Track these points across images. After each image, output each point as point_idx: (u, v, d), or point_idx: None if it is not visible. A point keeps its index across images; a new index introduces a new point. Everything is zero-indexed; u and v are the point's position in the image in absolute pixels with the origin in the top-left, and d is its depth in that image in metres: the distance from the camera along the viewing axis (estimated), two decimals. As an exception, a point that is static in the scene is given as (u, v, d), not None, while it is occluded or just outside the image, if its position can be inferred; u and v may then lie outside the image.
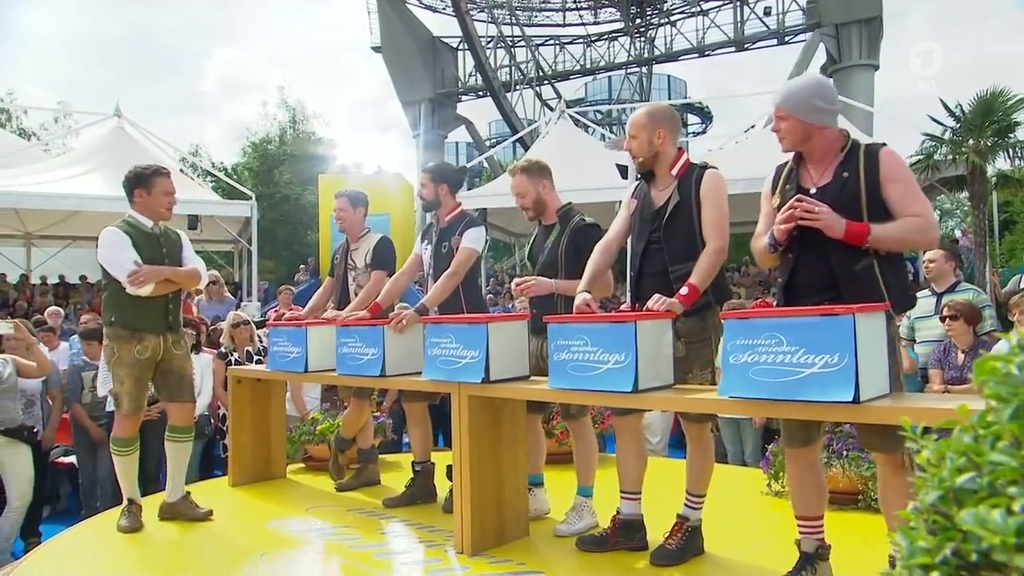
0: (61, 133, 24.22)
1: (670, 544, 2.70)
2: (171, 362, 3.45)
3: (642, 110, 2.77)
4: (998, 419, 0.62)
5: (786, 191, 2.35)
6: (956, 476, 0.63)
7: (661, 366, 2.41)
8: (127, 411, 3.34)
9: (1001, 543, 0.56)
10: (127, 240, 3.30)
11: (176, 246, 3.51)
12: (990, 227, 13.16)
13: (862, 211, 2.19)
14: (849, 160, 2.26)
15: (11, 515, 4.16)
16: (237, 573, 2.82)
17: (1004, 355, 0.65)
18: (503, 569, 2.68)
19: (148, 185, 3.40)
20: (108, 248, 3.29)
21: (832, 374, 1.85)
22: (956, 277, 4.81)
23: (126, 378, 3.31)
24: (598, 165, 12.91)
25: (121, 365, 3.31)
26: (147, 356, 3.34)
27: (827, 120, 2.28)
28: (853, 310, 1.86)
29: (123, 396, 3.32)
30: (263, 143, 27.57)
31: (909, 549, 0.65)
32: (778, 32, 28.97)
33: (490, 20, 31.85)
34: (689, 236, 2.62)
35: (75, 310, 11.45)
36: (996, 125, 11.69)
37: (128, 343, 3.30)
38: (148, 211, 3.41)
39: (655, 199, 2.74)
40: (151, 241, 3.39)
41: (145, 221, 3.41)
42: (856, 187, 2.21)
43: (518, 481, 3.04)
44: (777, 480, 3.61)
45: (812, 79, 2.38)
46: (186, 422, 3.53)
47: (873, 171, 2.21)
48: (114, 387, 3.34)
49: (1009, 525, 0.56)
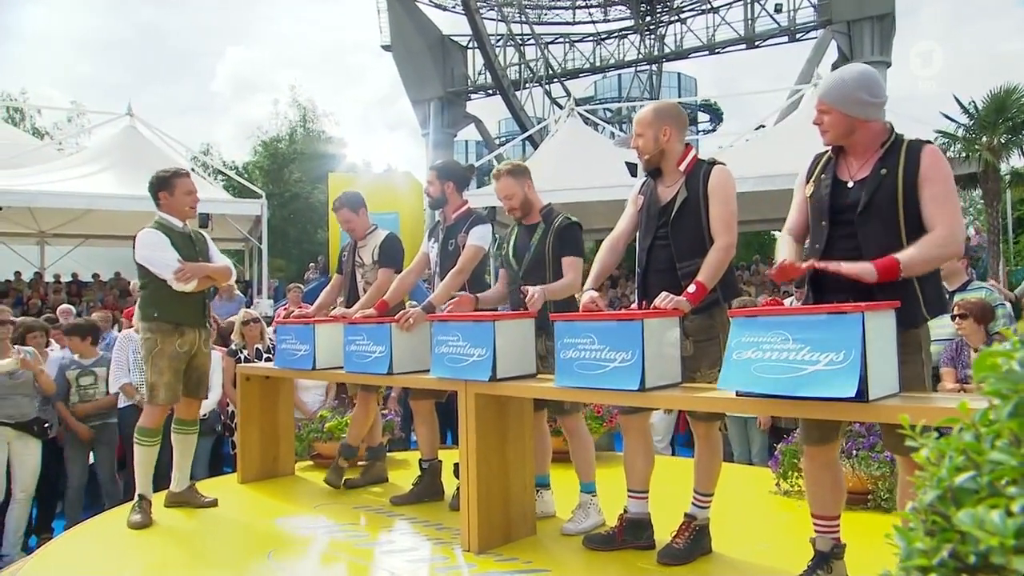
0: (74, 132, 24.41)
1: (677, 543, 2.69)
2: (198, 359, 3.57)
3: (648, 108, 2.75)
4: (998, 416, 0.61)
5: (821, 180, 2.30)
6: (955, 475, 0.61)
7: (668, 364, 2.40)
8: (162, 401, 3.42)
9: (999, 545, 0.55)
10: (166, 240, 3.43)
11: (205, 244, 3.66)
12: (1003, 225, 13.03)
13: (898, 210, 2.13)
14: (889, 155, 2.19)
15: (17, 507, 4.19)
16: (245, 570, 2.83)
17: (1005, 351, 0.63)
18: (510, 567, 2.68)
19: (170, 187, 3.53)
20: (149, 248, 3.40)
21: (836, 371, 1.83)
22: (968, 276, 4.77)
23: (166, 369, 3.40)
24: (607, 163, 12.88)
25: (163, 356, 3.40)
26: (185, 350, 3.47)
27: (873, 114, 2.21)
28: (862, 308, 1.85)
29: (160, 387, 3.40)
30: (273, 142, 27.69)
31: (906, 551, 0.63)
32: (789, 29, 28.76)
33: (500, 18, 31.82)
34: (696, 232, 2.60)
35: (88, 308, 11.54)
36: (1010, 122, 11.58)
37: (171, 336, 3.41)
38: (174, 211, 3.54)
39: (662, 195, 2.72)
40: (185, 240, 3.52)
41: (175, 222, 3.54)
42: (894, 186, 2.14)
43: (525, 479, 3.04)
44: (786, 479, 3.59)
45: (858, 71, 2.27)
46: (193, 416, 3.68)
47: (912, 169, 2.14)
48: (151, 377, 3.40)
49: (1008, 527, 0.55)
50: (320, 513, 3.53)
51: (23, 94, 26.72)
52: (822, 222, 2.25)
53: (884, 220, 2.15)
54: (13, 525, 4.18)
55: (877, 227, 2.15)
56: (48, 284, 13.76)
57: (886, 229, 2.14)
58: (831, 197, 2.25)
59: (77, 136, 23.81)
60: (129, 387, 4.58)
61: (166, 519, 3.58)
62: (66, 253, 14.92)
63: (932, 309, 2.16)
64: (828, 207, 2.24)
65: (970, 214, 27.14)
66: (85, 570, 2.89)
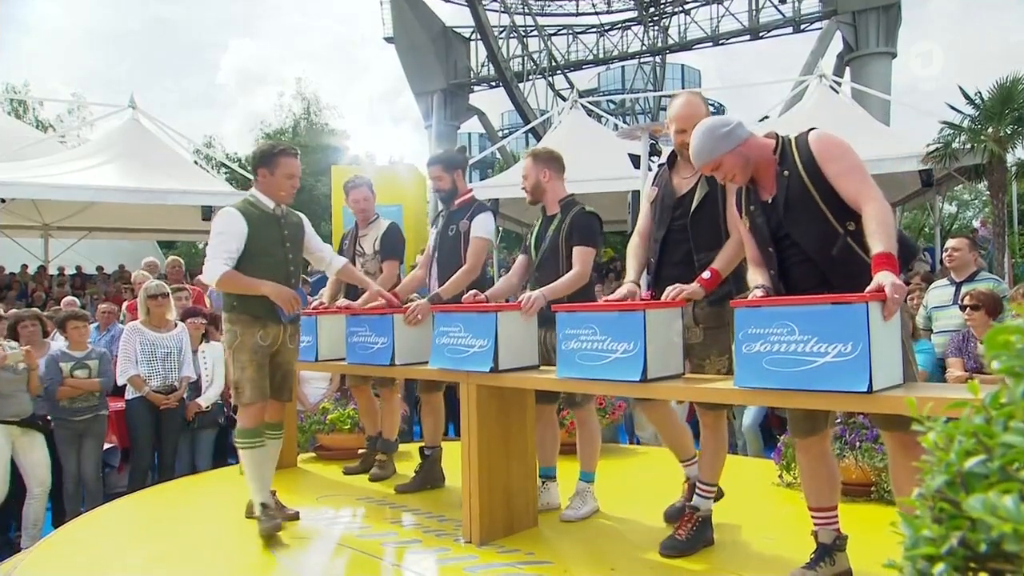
0: (76, 125, 24.40)
1: (680, 535, 2.68)
2: (283, 356, 3.25)
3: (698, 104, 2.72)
4: (1011, 397, 0.58)
5: (752, 212, 2.33)
6: (965, 459, 0.59)
7: (671, 355, 2.39)
8: (249, 399, 3.10)
9: (1013, 531, 0.53)
10: (239, 227, 3.08)
11: (297, 229, 3.31)
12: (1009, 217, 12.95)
13: (816, 202, 2.16)
14: (784, 159, 2.24)
15: (33, 502, 4.19)
16: (247, 561, 2.83)
17: (1018, 327, 0.61)
18: (512, 559, 2.68)
19: (271, 165, 3.18)
20: (214, 233, 3.12)
21: (846, 363, 1.82)
22: (977, 266, 4.73)
23: (248, 364, 3.10)
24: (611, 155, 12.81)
25: (243, 350, 3.11)
26: (268, 343, 3.16)
27: (740, 133, 2.26)
28: (866, 298, 1.83)
29: (244, 383, 3.10)
30: (277, 134, 27.66)
31: (912, 539, 0.61)
32: (794, 20, 28.58)
33: (503, 10, 31.68)
34: (715, 226, 2.63)
35: (92, 300, 11.56)
36: (1016, 113, 11.50)
37: (251, 328, 3.12)
38: (269, 192, 3.20)
39: (678, 186, 2.73)
40: (271, 222, 3.18)
41: (267, 201, 3.20)
42: (800, 181, 2.19)
43: (527, 471, 3.04)
44: (788, 471, 3.58)
45: (699, 127, 2.33)
46: (277, 417, 3.32)
47: (809, 159, 2.17)
48: (235, 374, 3.13)
49: (1022, 512, 0.53)
50: (323, 504, 3.53)
51: (26, 86, 26.70)
52: (768, 248, 2.29)
53: (809, 215, 2.18)
54: (32, 519, 4.18)
55: (806, 224, 2.19)
56: (52, 277, 13.78)
57: (815, 221, 2.17)
58: (768, 224, 2.28)
59: (79, 129, 23.82)
60: (137, 379, 4.57)
61: (169, 509, 3.59)
62: (70, 246, 14.93)
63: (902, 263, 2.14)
64: (770, 234, 2.28)
65: (975, 206, 27.02)
66: (87, 562, 2.90)
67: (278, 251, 3.19)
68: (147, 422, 4.61)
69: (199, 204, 11.71)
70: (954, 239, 4.78)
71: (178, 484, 4.23)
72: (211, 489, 4.04)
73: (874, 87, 17.09)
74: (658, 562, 2.63)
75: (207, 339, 5.16)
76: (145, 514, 3.57)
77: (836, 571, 2.32)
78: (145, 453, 4.67)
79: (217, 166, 22.75)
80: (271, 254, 3.16)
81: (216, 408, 5.04)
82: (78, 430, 4.50)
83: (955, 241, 4.68)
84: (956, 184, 13.30)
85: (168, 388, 4.66)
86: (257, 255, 3.11)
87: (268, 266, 3.12)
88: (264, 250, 3.14)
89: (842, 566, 2.33)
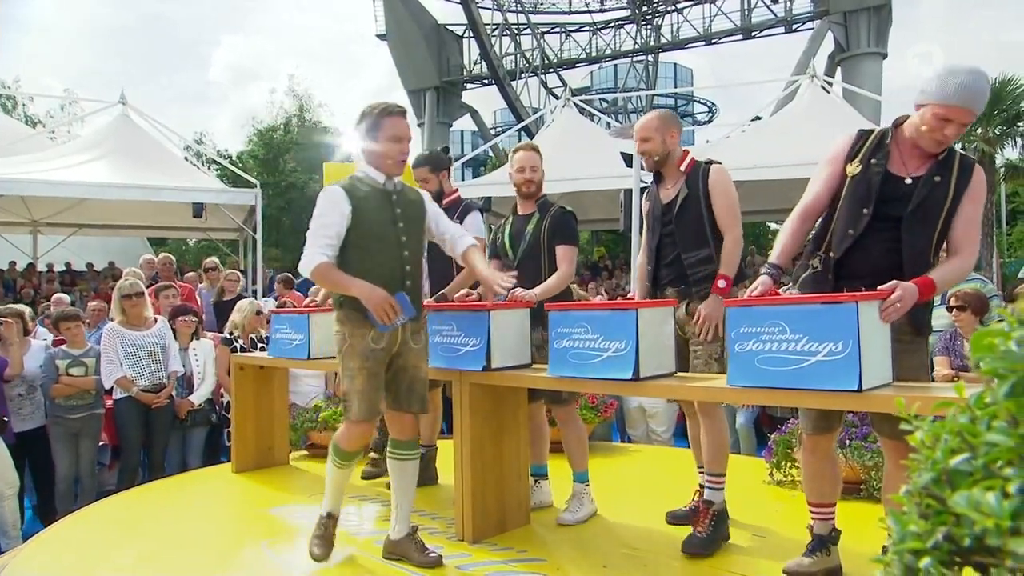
0: (66, 121, 24.22)
1: (700, 532, 2.67)
2: (405, 358, 2.70)
3: (652, 114, 2.96)
4: (994, 398, 0.61)
5: (871, 164, 2.22)
6: (950, 457, 0.61)
7: (663, 354, 2.40)
8: (357, 416, 2.61)
9: (995, 526, 0.55)
10: (338, 210, 2.59)
11: (416, 207, 2.78)
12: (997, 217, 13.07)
13: (940, 219, 2.15)
14: (945, 164, 2.17)
15: (4, 503, 4.09)
16: (240, 559, 2.83)
17: (1002, 330, 0.63)
18: (504, 557, 2.69)
19: (376, 128, 2.66)
20: (314, 217, 2.66)
21: (836, 362, 1.84)
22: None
23: (358, 373, 2.60)
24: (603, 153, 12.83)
25: (353, 355, 2.61)
26: (383, 346, 2.62)
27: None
28: (856, 298, 1.85)
29: (353, 396, 2.61)
30: (269, 131, 27.54)
31: (900, 534, 0.63)
32: (786, 20, 28.70)
33: (495, 8, 31.66)
34: (699, 226, 2.78)
35: (81, 297, 11.49)
36: (1005, 113, 11.61)
37: (361, 328, 2.60)
38: (376, 162, 2.70)
39: (663, 196, 2.91)
40: (381, 199, 2.68)
41: (376, 175, 2.71)
42: (945, 195, 2.15)
43: (519, 469, 3.05)
44: (779, 469, 3.60)
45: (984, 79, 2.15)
46: (410, 435, 2.77)
47: (964, 183, 2.15)
48: (343, 384, 2.67)
49: (1004, 508, 0.55)
50: (316, 502, 3.52)
51: (16, 81, 26.49)
52: (864, 208, 2.19)
53: (928, 225, 2.16)
54: (10, 520, 4.13)
55: (920, 230, 2.16)
56: (41, 274, 13.69)
57: (926, 234, 2.16)
58: (882, 185, 2.19)
59: (69, 124, 23.65)
60: (125, 380, 4.54)
61: (160, 507, 3.58)
62: (59, 242, 14.82)
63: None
64: (877, 195, 2.19)
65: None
66: (79, 558, 2.89)
67: (389, 233, 2.67)
68: (136, 420, 4.57)
69: (190, 201, 11.66)
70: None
71: (169, 482, 4.22)
72: (202, 487, 4.03)
73: (865, 87, 17.18)
74: (650, 559, 2.65)
75: (198, 336, 5.15)
76: (136, 512, 3.56)
77: (829, 564, 2.36)
78: (134, 451, 4.65)
79: (208, 162, 22.65)
80: (381, 237, 2.65)
81: (207, 405, 5.02)
82: (74, 428, 4.48)
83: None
84: (945, 184, 13.37)
85: (156, 386, 4.64)
86: (364, 240, 2.62)
87: (378, 252, 2.63)
88: (372, 233, 2.63)
89: (835, 560, 2.37)
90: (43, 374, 4.45)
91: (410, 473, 2.77)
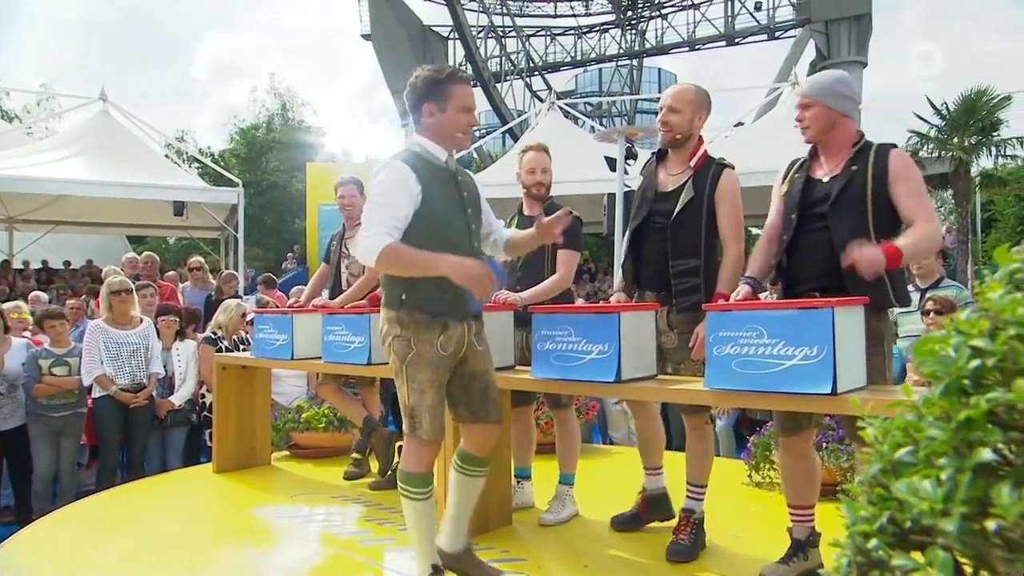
0: (44, 116, 23.86)
1: (682, 539, 2.69)
2: (472, 363, 2.39)
3: (690, 87, 2.71)
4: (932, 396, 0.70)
5: (795, 180, 2.41)
6: (896, 451, 0.70)
7: (644, 357, 2.44)
8: (430, 435, 2.28)
9: (929, 509, 0.64)
10: (408, 188, 2.22)
11: (477, 192, 2.46)
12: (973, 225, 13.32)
13: (867, 205, 2.24)
14: (860, 156, 2.30)
15: None
16: (221, 559, 2.83)
17: (941, 337, 0.72)
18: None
19: (441, 95, 2.30)
20: (375, 195, 2.25)
21: (811, 366, 1.89)
22: (940, 274, 4.87)
23: (429, 386, 2.26)
24: (587, 157, 12.90)
25: (422, 366, 2.25)
26: (451, 351, 2.30)
27: (849, 109, 2.34)
28: (832, 303, 1.90)
29: (423, 412, 2.26)
30: (251, 130, 27.34)
31: (852, 519, 0.72)
32: (768, 27, 29.04)
33: (481, 10, 31.69)
34: (695, 233, 2.60)
35: (58, 295, 11.33)
36: (980, 123, 11.84)
37: (429, 332, 2.25)
38: (439, 135, 2.33)
39: (663, 182, 2.72)
40: (446, 180, 2.33)
41: (437, 151, 2.34)
42: (863, 181, 2.25)
43: (502, 469, 3.06)
44: (758, 471, 3.66)
45: (835, 71, 2.48)
46: (484, 450, 2.44)
47: (882, 168, 2.25)
48: (410, 398, 2.28)
49: (937, 493, 0.64)
50: (297, 503, 3.53)
51: (-8, 76, 26.03)
52: (792, 215, 2.37)
53: (854, 212, 2.25)
54: None
55: (847, 217, 2.25)
56: (17, 271, 13.47)
57: (856, 220, 2.24)
58: (803, 192, 2.36)
59: (47, 120, 23.29)
60: (104, 378, 4.50)
61: (140, 507, 3.56)
62: (36, 239, 14.60)
63: (899, 297, 2.26)
64: (799, 201, 2.36)
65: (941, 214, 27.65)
66: (59, 558, 2.87)
67: (459, 221, 2.34)
68: (115, 420, 4.53)
69: (170, 199, 11.56)
70: None
71: (149, 482, 4.19)
72: (182, 487, 4.01)
73: (845, 95, 17.39)
74: (630, 560, 2.69)
75: (181, 337, 5.11)
76: (116, 512, 3.53)
77: (808, 566, 2.39)
78: (113, 451, 4.60)
79: (189, 160, 22.43)
80: (450, 224, 2.31)
81: (188, 406, 4.99)
82: (56, 427, 4.44)
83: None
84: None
85: (136, 386, 4.60)
86: (432, 227, 2.26)
87: (447, 243, 2.25)
88: (440, 219, 2.28)
89: (814, 562, 2.41)
90: (25, 373, 4.39)
91: (477, 491, 2.49)
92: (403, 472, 2.35)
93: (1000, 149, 12.12)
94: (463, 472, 2.46)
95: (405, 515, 2.38)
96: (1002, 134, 12.05)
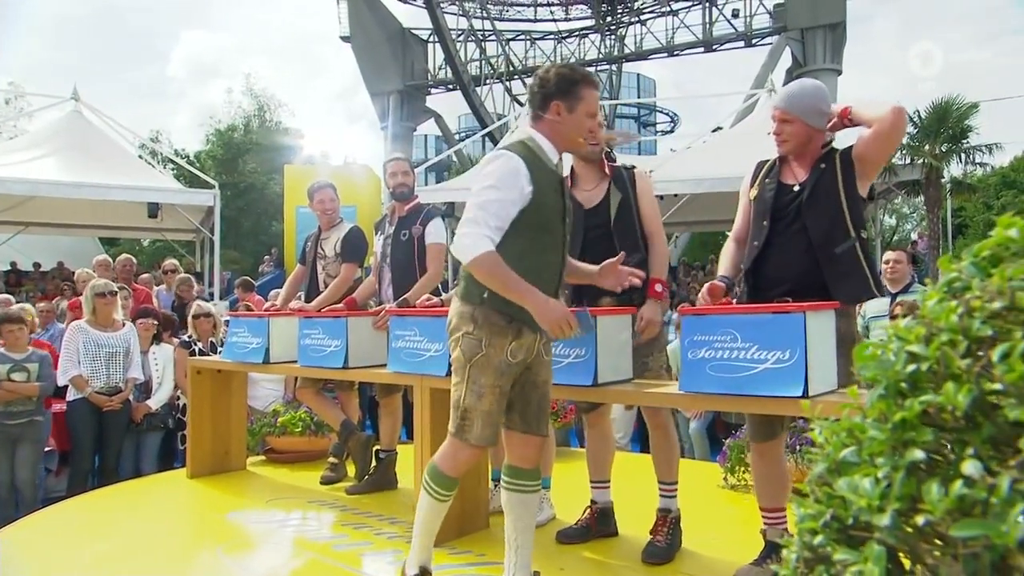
0: (14, 115, 23.41)
1: (659, 541, 2.69)
2: (537, 372, 2.27)
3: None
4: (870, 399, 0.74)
5: (765, 184, 2.46)
6: (840, 451, 0.74)
7: (621, 360, 2.46)
8: (479, 441, 2.18)
9: (867, 505, 0.67)
10: (520, 186, 2.10)
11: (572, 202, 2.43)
12: (944, 231, 13.59)
13: (840, 195, 2.31)
14: (827, 157, 2.38)
15: None
16: (195, 565, 2.80)
17: (880, 343, 0.76)
18: (463, 560, 2.71)
19: (573, 97, 2.16)
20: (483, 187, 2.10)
21: (784, 370, 1.92)
22: (911, 278, 4.97)
23: (490, 391, 2.15)
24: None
25: (487, 369, 2.14)
26: (520, 359, 2.19)
27: (825, 124, 2.40)
28: (804, 308, 1.94)
29: (477, 417, 2.16)
30: (228, 131, 27.07)
31: (800, 516, 0.76)
32: (746, 34, 29.38)
33: (460, 13, 31.69)
34: (634, 230, 2.77)
35: (28, 298, 11.12)
36: (950, 131, 12.09)
37: (502, 337, 2.15)
38: (560, 135, 2.21)
39: (585, 200, 2.80)
40: (554, 182, 2.22)
41: (551, 152, 2.21)
42: (833, 176, 2.33)
43: (479, 474, 3.07)
44: (733, 474, 3.70)
45: (814, 84, 2.47)
46: (535, 462, 2.29)
47: (847, 160, 2.34)
48: (466, 399, 2.17)
49: (875, 491, 0.67)
50: (272, 507, 3.50)
51: (-40, 74, 25.47)
52: (763, 221, 2.41)
53: (826, 204, 2.33)
54: None
55: (822, 210, 2.33)
56: (-15, 273, 13.22)
57: (828, 214, 2.32)
58: (775, 198, 2.41)
59: (16, 120, 22.86)
60: (79, 379, 4.42)
61: (113, 512, 3.50)
62: (5, 241, 14.32)
63: (878, 286, 2.35)
64: (771, 207, 2.40)
65: (913, 220, 28.19)
66: (30, 564, 2.81)
67: (559, 227, 2.24)
68: (89, 424, 4.46)
69: (144, 201, 11.40)
70: (893, 252, 5.01)
71: (122, 487, 4.12)
72: (156, 492, 3.96)
73: (820, 102, 17.65)
74: (606, 563, 2.70)
75: (158, 341, 5.05)
76: (88, 517, 3.47)
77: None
78: (86, 455, 4.52)
79: (164, 161, 22.15)
80: (552, 231, 2.21)
81: (164, 410, 4.92)
82: (12, 435, 4.31)
83: (894, 254, 4.90)
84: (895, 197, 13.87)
85: (112, 389, 4.53)
86: (534, 231, 2.16)
87: (544, 250, 2.19)
88: (544, 223, 2.18)
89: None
90: None
91: (532, 509, 2.30)
92: (434, 468, 2.27)
93: (969, 156, 12.39)
94: (514, 489, 2.25)
95: (419, 507, 2.33)
96: (971, 141, 12.32)
